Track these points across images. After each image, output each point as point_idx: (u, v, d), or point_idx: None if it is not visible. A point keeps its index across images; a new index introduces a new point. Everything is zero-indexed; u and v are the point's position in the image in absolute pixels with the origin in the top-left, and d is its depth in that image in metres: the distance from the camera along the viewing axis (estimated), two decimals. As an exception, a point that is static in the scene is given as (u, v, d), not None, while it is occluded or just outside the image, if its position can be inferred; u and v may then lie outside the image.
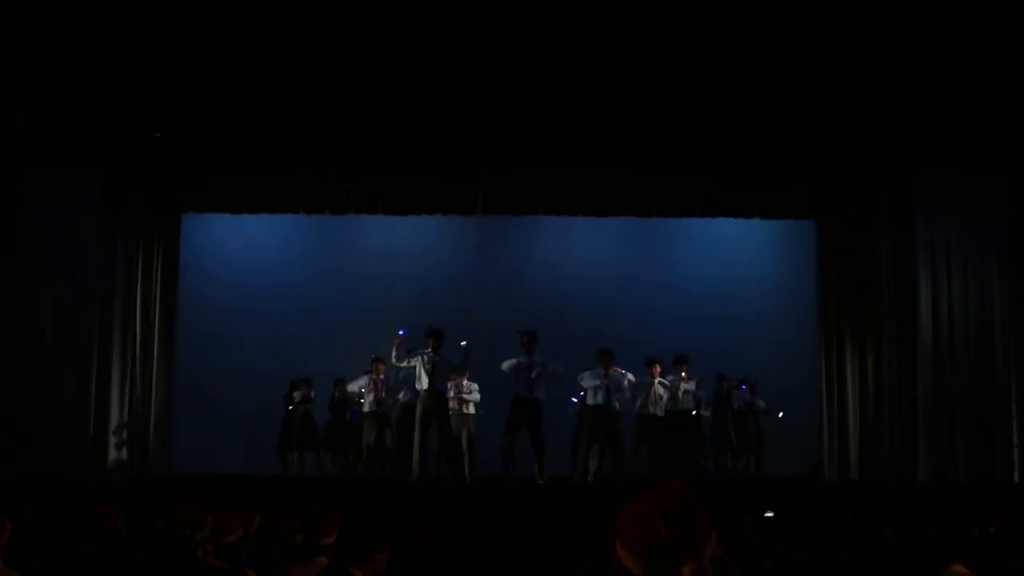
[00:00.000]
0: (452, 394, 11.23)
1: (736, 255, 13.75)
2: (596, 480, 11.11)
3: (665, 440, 11.53)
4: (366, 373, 11.84)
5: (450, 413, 11.21)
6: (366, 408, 11.75)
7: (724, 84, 10.23)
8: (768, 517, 7.19)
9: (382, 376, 11.72)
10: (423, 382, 11.02)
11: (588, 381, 11.22)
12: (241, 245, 13.63)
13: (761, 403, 12.32)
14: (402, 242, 13.67)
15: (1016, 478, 10.40)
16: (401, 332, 11.19)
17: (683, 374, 11.68)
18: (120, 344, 11.87)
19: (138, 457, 12.10)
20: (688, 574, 1.84)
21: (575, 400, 11.53)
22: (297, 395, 12.42)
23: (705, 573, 1.85)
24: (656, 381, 11.50)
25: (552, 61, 9.99)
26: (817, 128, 11.43)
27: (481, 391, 11.58)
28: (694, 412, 11.78)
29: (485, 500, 10.07)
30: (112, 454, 11.60)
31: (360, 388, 11.83)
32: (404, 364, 11.19)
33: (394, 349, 11.15)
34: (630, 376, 11.28)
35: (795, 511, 7.70)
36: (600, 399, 11.15)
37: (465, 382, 11.36)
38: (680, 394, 11.64)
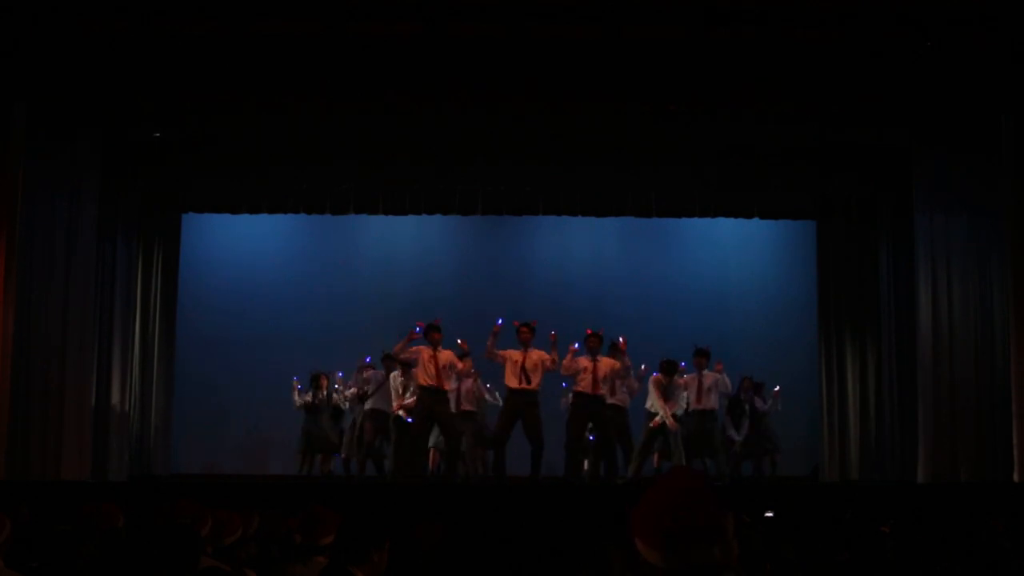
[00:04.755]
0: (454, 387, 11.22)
1: (736, 255, 13.76)
2: (590, 480, 11.02)
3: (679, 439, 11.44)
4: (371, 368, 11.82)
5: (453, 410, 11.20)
6: (367, 405, 11.71)
7: (724, 83, 10.22)
8: (768, 517, 7.19)
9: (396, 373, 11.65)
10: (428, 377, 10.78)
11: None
12: (241, 245, 13.64)
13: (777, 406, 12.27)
14: (402, 242, 13.68)
15: (1016, 478, 10.38)
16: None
17: (704, 368, 11.58)
18: (120, 344, 11.87)
19: (138, 457, 12.11)
20: (713, 556, 1.84)
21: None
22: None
23: (731, 552, 1.86)
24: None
25: (552, 60, 9.98)
26: (816, 128, 11.44)
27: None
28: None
29: (485, 500, 10.06)
30: (112, 454, 11.60)
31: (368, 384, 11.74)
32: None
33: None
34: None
35: (795, 511, 7.70)
36: (587, 386, 10.67)
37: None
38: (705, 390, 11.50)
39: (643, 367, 11.50)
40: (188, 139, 11.76)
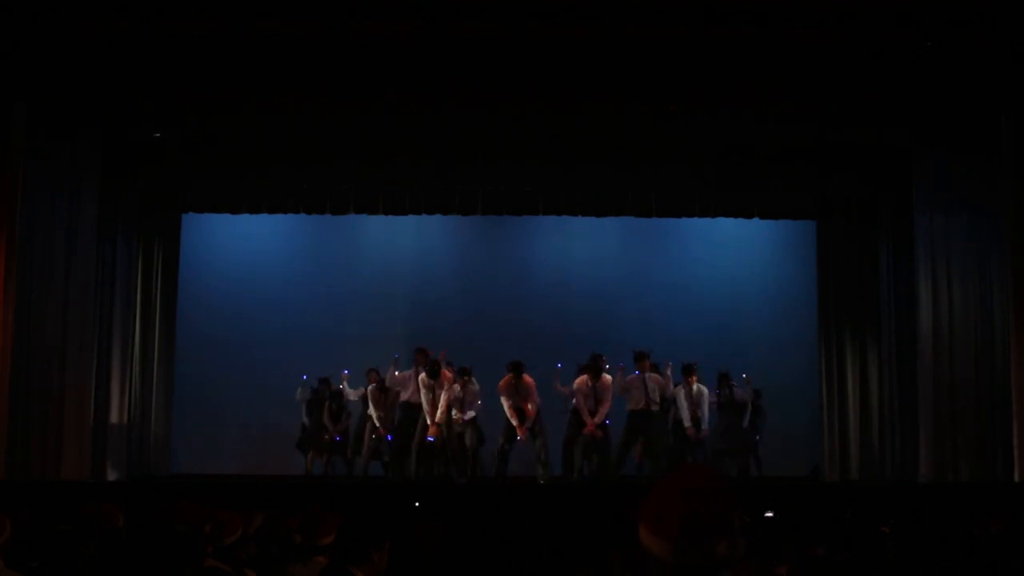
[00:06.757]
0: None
1: (736, 255, 13.74)
2: (582, 480, 11.18)
3: (666, 440, 11.56)
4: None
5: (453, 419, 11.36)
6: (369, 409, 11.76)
7: (724, 83, 10.22)
8: (768, 517, 7.19)
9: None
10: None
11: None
12: (241, 245, 13.63)
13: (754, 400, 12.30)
14: (402, 242, 13.67)
15: (1016, 478, 10.38)
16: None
17: (693, 383, 11.67)
18: (120, 344, 11.87)
19: (138, 457, 12.10)
20: (723, 551, 1.85)
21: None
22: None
23: (739, 547, 1.86)
24: (695, 387, 11.61)
25: (552, 60, 9.98)
26: (816, 128, 11.43)
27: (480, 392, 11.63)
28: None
29: (485, 500, 10.07)
30: (112, 454, 11.59)
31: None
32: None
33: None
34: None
35: (795, 511, 7.70)
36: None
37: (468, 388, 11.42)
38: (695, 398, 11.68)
39: (622, 365, 11.64)
40: (188, 139, 11.75)
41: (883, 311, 12.24)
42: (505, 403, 11.26)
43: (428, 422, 11.29)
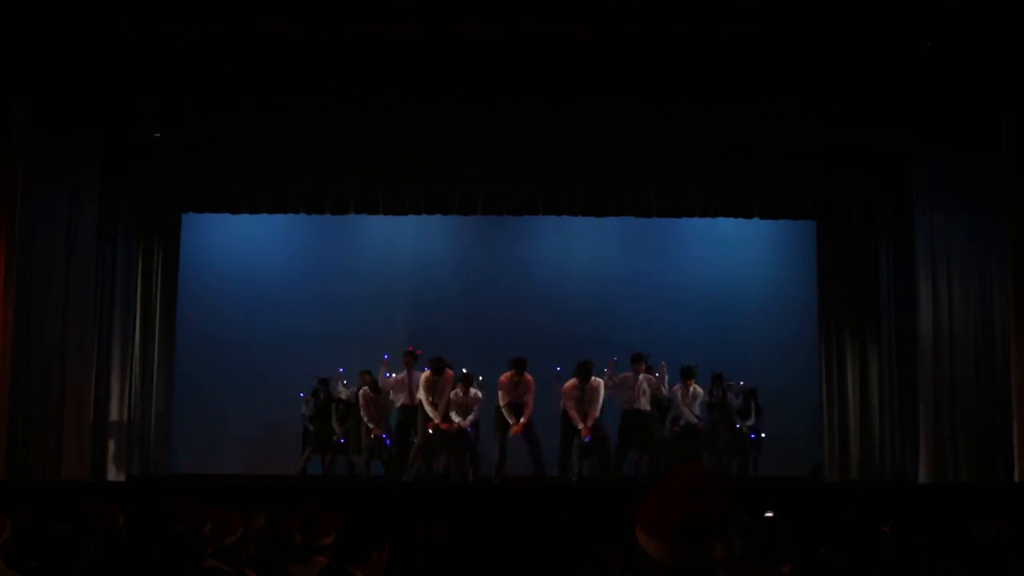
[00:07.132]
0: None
1: (736, 255, 13.74)
2: (581, 481, 11.20)
3: (661, 439, 11.58)
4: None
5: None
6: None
7: (724, 83, 10.22)
8: (768, 517, 7.18)
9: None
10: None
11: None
12: (241, 245, 13.62)
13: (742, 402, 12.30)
14: (402, 242, 13.67)
15: (1016, 478, 10.38)
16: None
17: (691, 385, 11.71)
18: (120, 344, 11.87)
19: (138, 457, 12.11)
20: (720, 552, 1.85)
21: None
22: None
23: (735, 550, 1.86)
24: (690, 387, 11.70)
25: (552, 60, 9.98)
26: (816, 128, 11.44)
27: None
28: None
29: (485, 500, 10.07)
30: (112, 454, 11.59)
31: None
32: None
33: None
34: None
35: (795, 511, 7.70)
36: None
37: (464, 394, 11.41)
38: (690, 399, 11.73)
39: (616, 359, 11.69)
40: (188, 139, 11.76)
41: (883, 311, 12.24)
42: (502, 400, 11.23)
43: (430, 416, 11.17)
